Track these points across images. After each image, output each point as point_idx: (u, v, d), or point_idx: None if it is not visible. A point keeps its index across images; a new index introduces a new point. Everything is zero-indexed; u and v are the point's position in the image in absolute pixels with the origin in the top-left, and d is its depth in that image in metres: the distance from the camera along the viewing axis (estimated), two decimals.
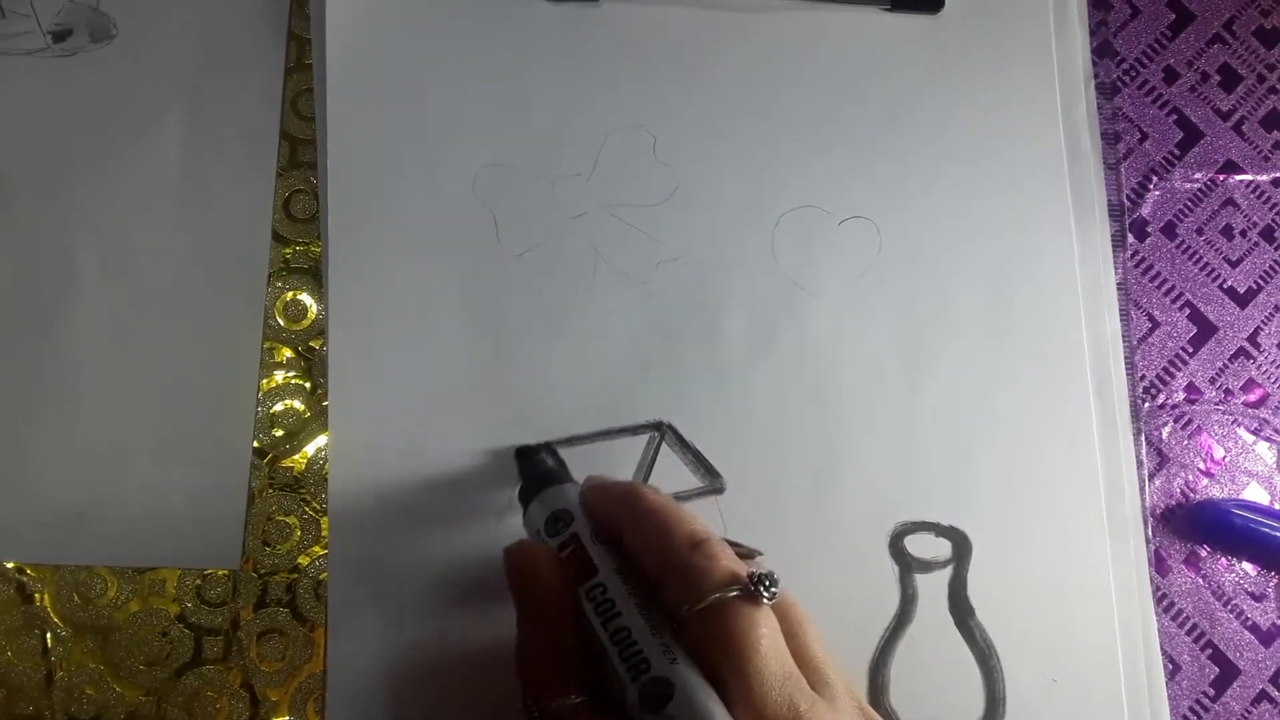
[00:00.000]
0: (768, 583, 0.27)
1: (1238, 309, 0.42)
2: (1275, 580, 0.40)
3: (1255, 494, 0.40)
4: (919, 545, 0.38)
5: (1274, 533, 0.39)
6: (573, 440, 0.38)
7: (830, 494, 0.38)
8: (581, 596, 0.29)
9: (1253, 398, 0.41)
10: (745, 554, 0.30)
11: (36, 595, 0.37)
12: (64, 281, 0.39)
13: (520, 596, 0.30)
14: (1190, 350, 0.41)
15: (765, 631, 0.27)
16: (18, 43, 0.40)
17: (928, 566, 0.38)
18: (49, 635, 0.37)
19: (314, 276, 0.40)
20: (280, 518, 0.38)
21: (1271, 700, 0.39)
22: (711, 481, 0.38)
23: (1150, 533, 0.39)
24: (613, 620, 0.28)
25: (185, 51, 0.41)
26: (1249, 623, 0.39)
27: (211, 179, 0.40)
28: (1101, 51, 0.43)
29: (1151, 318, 0.41)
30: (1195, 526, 0.40)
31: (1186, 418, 0.41)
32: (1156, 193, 0.42)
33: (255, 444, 0.38)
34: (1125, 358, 0.40)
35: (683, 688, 0.25)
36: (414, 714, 0.35)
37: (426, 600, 0.36)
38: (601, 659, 0.28)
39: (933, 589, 0.37)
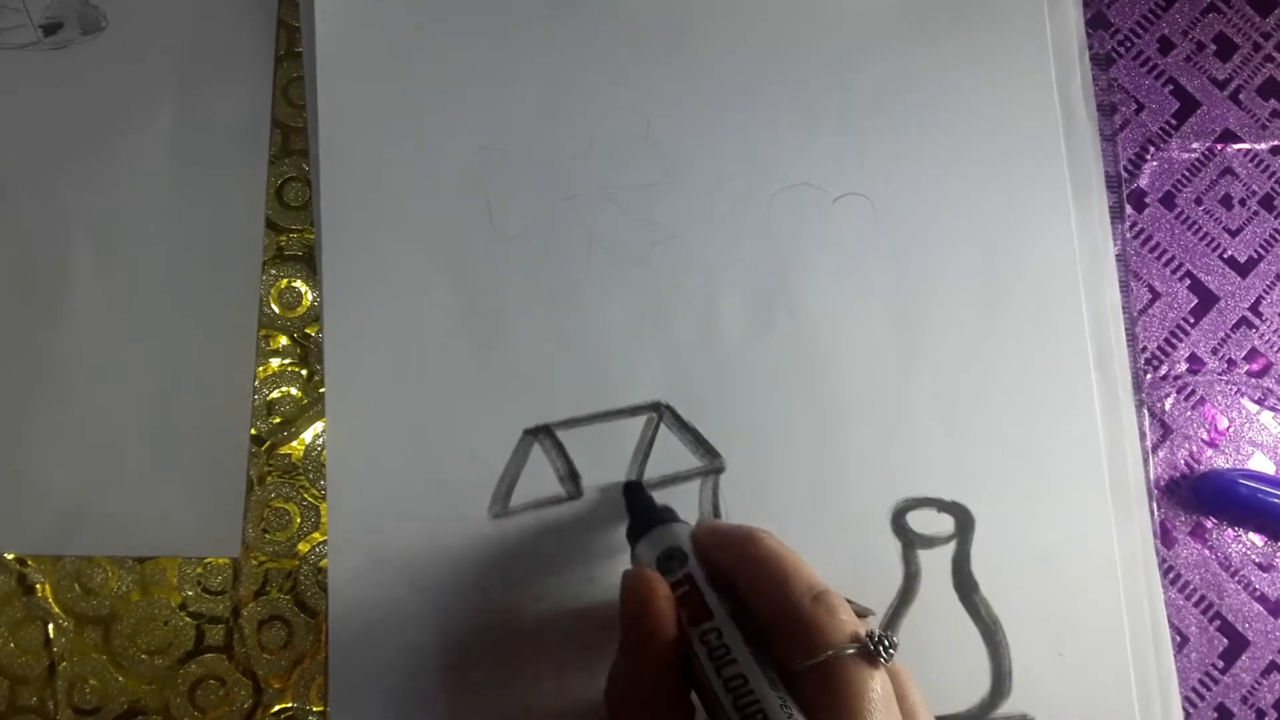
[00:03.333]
0: (887, 643, 0.27)
1: (1239, 278, 0.41)
2: None
3: (1260, 464, 0.40)
4: (921, 521, 0.37)
5: None
6: (571, 423, 0.38)
7: (831, 471, 0.38)
8: (695, 639, 0.28)
9: (1256, 367, 0.41)
10: (860, 612, 0.30)
11: (38, 586, 0.37)
12: (58, 273, 0.39)
13: (630, 625, 0.29)
14: (1191, 321, 0.41)
15: (880, 694, 0.26)
16: (9, 37, 0.40)
17: (931, 542, 0.37)
18: (51, 626, 0.37)
19: (308, 263, 0.40)
20: (279, 505, 0.38)
21: None
22: (711, 461, 0.38)
23: (1155, 505, 0.39)
24: (728, 667, 0.27)
25: (176, 42, 0.41)
26: (1257, 593, 0.39)
27: (204, 168, 0.40)
28: (1095, 23, 0.43)
29: (1152, 289, 0.41)
30: (1200, 498, 0.39)
31: (1189, 388, 0.40)
32: (1154, 163, 0.42)
33: (253, 431, 0.38)
34: (1126, 329, 0.40)
35: None
36: (417, 697, 0.35)
37: (427, 584, 0.36)
38: (711, 705, 0.28)
39: (936, 565, 0.37)
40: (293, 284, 0.40)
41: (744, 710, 0.26)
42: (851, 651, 0.27)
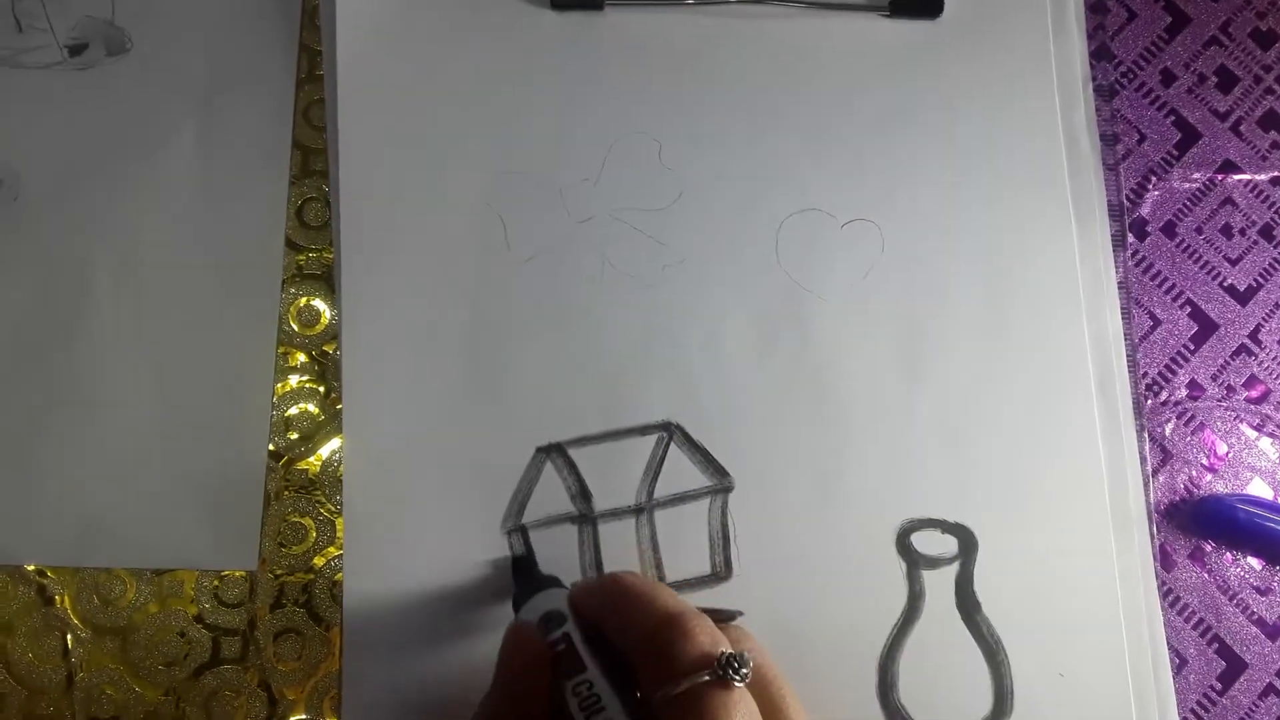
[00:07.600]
0: (737, 665, 0.26)
1: (1238, 306, 0.42)
2: None
3: (1259, 489, 0.41)
4: (926, 542, 0.38)
5: (1278, 527, 0.39)
6: (583, 441, 0.38)
7: (837, 491, 0.38)
8: (567, 690, 0.29)
9: (1255, 394, 0.41)
10: (724, 618, 0.30)
11: (57, 597, 0.37)
12: (81, 290, 0.39)
13: (502, 667, 0.31)
14: (1192, 348, 0.42)
15: (742, 718, 0.26)
16: (35, 57, 0.41)
17: (934, 563, 0.38)
18: (69, 636, 0.37)
19: (327, 282, 0.40)
20: (296, 519, 0.38)
21: (1279, 693, 0.39)
22: (720, 480, 0.38)
23: (1154, 528, 0.39)
24: (597, 714, 0.28)
25: (199, 64, 0.41)
26: (1255, 617, 0.39)
27: (225, 188, 0.40)
28: (1099, 55, 0.44)
29: (1153, 316, 0.42)
30: (1199, 522, 0.40)
31: (1189, 414, 0.41)
32: (1156, 193, 0.43)
33: (270, 447, 0.39)
34: (1127, 356, 0.40)
35: None
36: (430, 709, 0.36)
37: (441, 598, 0.37)
38: None
39: (940, 585, 0.38)
40: (311, 302, 0.40)
41: None
42: (705, 679, 0.26)
